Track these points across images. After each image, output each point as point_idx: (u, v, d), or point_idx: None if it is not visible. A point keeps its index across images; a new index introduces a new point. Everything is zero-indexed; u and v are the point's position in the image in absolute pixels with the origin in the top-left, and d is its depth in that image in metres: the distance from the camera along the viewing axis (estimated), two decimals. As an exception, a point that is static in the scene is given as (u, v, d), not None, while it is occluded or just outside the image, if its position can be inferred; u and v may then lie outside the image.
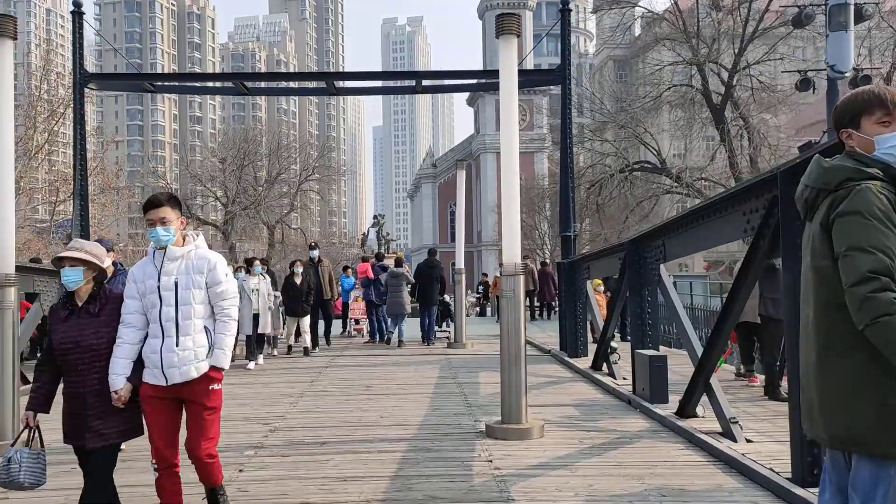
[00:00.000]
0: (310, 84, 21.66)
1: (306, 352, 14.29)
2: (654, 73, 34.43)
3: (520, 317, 7.16)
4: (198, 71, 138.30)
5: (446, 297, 18.88)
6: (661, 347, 9.63)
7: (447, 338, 16.78)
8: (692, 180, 33.99)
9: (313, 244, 16.70)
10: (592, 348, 12.85)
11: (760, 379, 9.56)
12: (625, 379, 10.06)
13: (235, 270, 14.80)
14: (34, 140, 34.72)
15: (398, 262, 17.05)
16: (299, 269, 14.26)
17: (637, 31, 61.53)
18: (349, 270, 19.20)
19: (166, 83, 16.99)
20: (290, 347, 14.57)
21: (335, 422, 7.73)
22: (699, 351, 7.29)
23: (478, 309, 31.51)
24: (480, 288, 33.10)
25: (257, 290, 12.56)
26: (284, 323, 15.11)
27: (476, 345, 15.65)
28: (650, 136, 35.84)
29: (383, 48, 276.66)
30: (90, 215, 42.82)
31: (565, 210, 13.06)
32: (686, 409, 7.39)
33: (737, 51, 31.35)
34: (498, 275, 20.83)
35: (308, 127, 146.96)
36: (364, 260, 17.74)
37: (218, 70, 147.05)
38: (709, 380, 7.01)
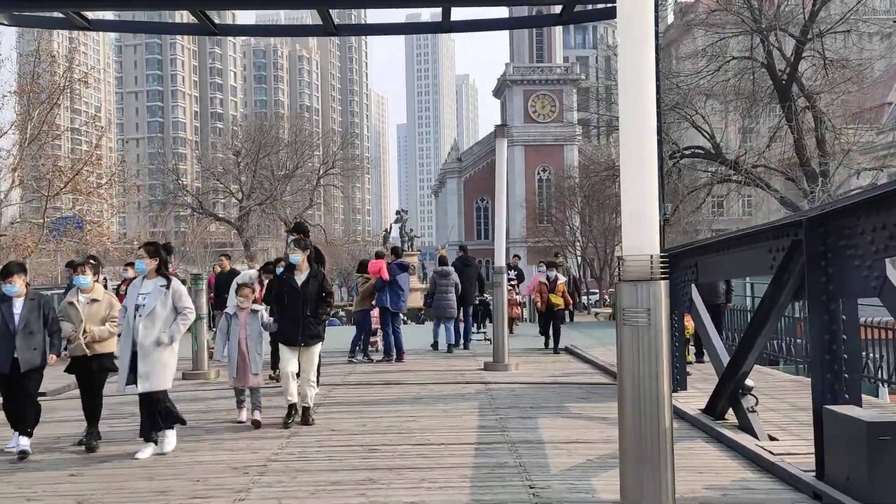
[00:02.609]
0: (304, 22, 18.01)
1: (289, 416, 7.63)
2: (712, 45, 30.22)
3: (662, 366, 3.52)
4: (218, 66, 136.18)
5: (487, 297, 16.85)
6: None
7: (489, 340, 14.10)
8: (750, 167, 30.00)
9: (292, 225, 9.63)
10: (693, 379, 9.27)
11: None
12: (773, 440, 6.44)
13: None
14: (28, 130, 31.90)
15: (442, 261, 15.00)
16: (297, 257, 7.68)
17: (670, 17, 57.65)
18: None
19: (106, 16, 13.37)
20: (290, 410, 7.63)
21: (298, 555, 4.16)
22: None
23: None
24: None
25: (143, 304, 6.49)
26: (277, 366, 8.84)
27: (521, 364, 12.10)
28: (702, 119, 31.90)
29: (407, 45, 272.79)
30: (88, 209, 39.88)
31: (652, 185, 9.33)
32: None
33: (807, 15, 27.25)
34: (542, 278, 16.84)
35: (331, 124, 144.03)
36: (378, 256, 13.53)
37: (239, 66, 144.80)
38: None
